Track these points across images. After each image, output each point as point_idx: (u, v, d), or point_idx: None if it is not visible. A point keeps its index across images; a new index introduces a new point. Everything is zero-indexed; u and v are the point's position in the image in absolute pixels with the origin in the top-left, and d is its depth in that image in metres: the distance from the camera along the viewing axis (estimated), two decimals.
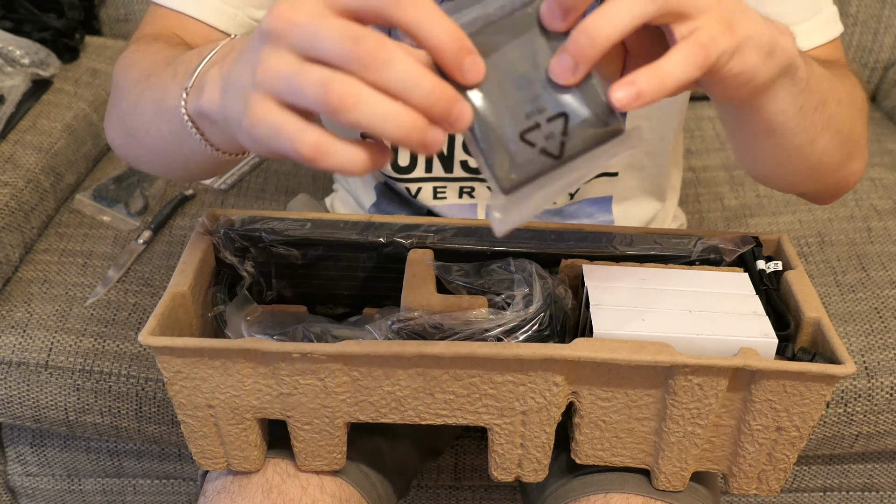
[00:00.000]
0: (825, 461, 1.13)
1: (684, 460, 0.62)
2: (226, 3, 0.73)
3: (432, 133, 0.39)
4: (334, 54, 0.38)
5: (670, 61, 0.43)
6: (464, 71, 0.40)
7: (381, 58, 0.38)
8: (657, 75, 0.43)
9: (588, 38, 0.42)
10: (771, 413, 0.59)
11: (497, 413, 0.59)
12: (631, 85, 0.42)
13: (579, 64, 0.42)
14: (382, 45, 0.38)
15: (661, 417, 0.60)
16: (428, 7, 0.38)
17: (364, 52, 0.37)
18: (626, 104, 0.42)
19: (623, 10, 0.42)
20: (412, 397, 0.58)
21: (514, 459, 0.63)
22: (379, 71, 0.38)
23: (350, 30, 0.38)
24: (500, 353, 0.55)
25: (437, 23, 0.39)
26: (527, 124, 0.43)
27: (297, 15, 0.39)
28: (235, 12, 0.74)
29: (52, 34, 1.36)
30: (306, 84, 0.38)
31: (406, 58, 0.38)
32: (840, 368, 0.56)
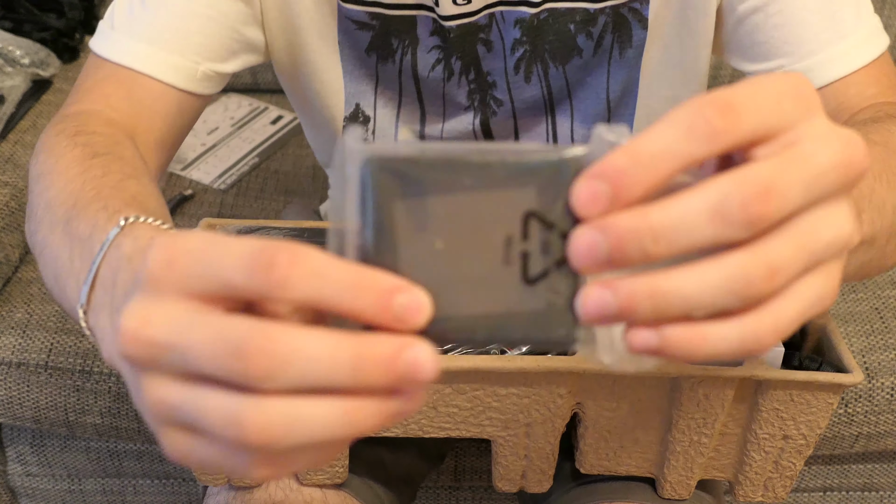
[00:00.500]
0: (825, 461, 1.13)
1: (690, 469, 0.62)
2: (183, 57, 0.66)
3: (393, 407, 0.28)
4: (221, 375, 0.28)
5: (719, 336, 0.28)
6: (400, 320, 0.28)
7: (275, 362, 0.27)
8: (696, 339, 0.29)
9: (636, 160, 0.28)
10: (777, 422, 0.58)
11: (501, 425, 0.59)
12: (652, 336, 0.29)
13: (618, 194, 0.28)
14: (270, 343, 0.27)
15: (667, 427, 0.59)
16: (318, 268, 0.28)
17: (253, 365, 0.27)
18: (640, 348, 0.29)
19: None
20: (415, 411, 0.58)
21: (519, 471, 0.62)
22: (279, 379, 0.27)
23: (226, 340, 0.27)
24: (504, 366, 0.54)
25: (339, 284, 0.28)
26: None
27: (153, 329, 0.29)
28: (195, 67, 0.67)
29: (52, 34, 1.36)
30: (210, 420, 0.28)
31: (309, 341, 0.27)
32: (847, 377, 0.55)
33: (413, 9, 0.69)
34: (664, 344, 0.28)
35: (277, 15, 0.70)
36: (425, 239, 0.30)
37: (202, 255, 0.28)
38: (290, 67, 0.75)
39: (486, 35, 0.69)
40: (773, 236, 0.28)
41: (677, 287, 0.28)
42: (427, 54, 0.72)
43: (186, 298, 0.29)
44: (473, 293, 0.30)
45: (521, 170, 0.30)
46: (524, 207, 0.30)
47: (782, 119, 0.28)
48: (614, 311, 0.28)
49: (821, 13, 0.63)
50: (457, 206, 0.30)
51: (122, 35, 0.66)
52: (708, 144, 0.27)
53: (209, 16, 0.66)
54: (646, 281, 0.28)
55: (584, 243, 0.28)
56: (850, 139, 0.29)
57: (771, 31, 0.65)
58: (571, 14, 0.68)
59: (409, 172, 0.29)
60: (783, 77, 0.29)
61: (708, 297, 0.28)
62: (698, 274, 0.28)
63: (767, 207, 0.27)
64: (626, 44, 0.70)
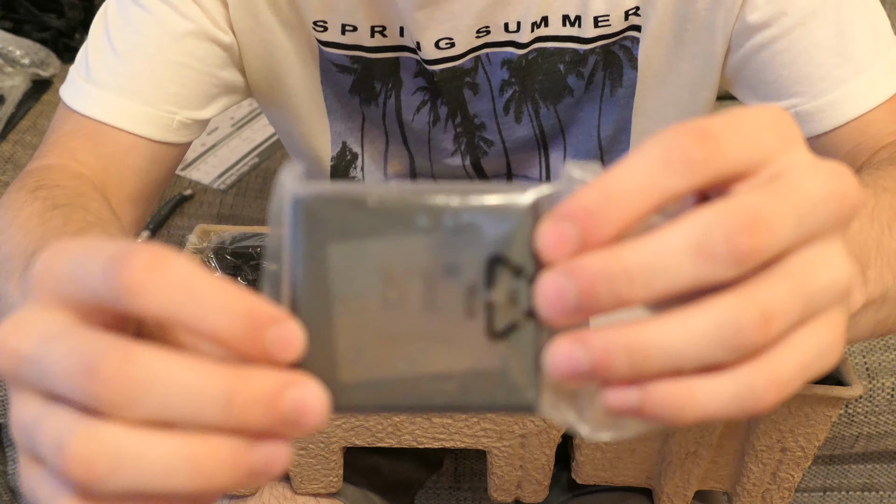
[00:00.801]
0: (825, 461, 1.13)
1: (687, 480, 0.61)
2: (157, 108, 0.63)
3: (254, 461, 0.24)
4: (75, 397, 0.24)
5: (710, 393, 0.25)
6: (268, 353, 0.24)
7: (132, 387, 0.24)
8: (683, 397, 0.25)
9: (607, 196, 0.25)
10: (776, 434, 0.58)
11: (496, 436, 0.58)
12: (631, 394, 0.25)
13: (587, 236, 0.25)
14: (129, 364, 0.24)
15: (664, 438, 0.59)
16: (181, 278, 0.24)
17: (104, 387, 0.24)
18: (619, 409, 0.25)
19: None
20: (408, 422, 0.57)
21: (514, 481, 0.62)
22: (134, 406, 0.24)
23: (79, 356, 0.24)
24: None
25: (205, 302, 0.24)
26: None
27: (21, 339, 0.26)
28: (171, 117, 0.64)
29: (52, 34, 1.36)
30: (42, 448, 0.25)
31: (177, 366, 0.24)
32: (846, 391, 0.55)
33: (395, 51, 0.66)
34: (646, 403, 0.25)
35: (255, 59, 0.67)
36: (370, 288, 0.26)
37: (73, 258, 0.25)
38: (274, 108, 0.73)
39: (472, 78, 0.67)
40: (763, 278, 0.25)
41: (658, 338, 0.24)
42: (411, 97, 0.69)
43: (62, 308, 0.26)
44: (429, 350, 0.26)
45: (483, 211, 0.26)
46: (488, 252, 0.26)
47: (763, 151, 0.26)
48: (586, 368, 0.24)
49: (832, 49, 0.59)
50: (409, 251, 0.26)
51: (91, 85, 0.63)
52: (686, 177, 0.24)
53: (184, 63, 0.63)
54: (622, 332, 0.24)
55: (551, 289, 0.24)
56: (838, 170, 0.26)
57: (779, 69, 0.61)
58: (560, 54, 0.65)
59: (350, 213, 0.26)
60: (760, 109, 0.26)
61: (694, 349, 0.24)
62: (682, 322, 0.24)
63: (755, 240, 0.24)
64: (617, 83, 0.67)
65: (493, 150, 0.72)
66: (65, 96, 0.64)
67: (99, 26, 0.64)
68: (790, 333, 0.25)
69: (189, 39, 0.62)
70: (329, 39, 0.66)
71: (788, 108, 0.61)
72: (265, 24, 0.65)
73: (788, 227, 0.25)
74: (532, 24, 0.63)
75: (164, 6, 0.62)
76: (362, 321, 0.26)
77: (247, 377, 0.24)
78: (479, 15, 0.63)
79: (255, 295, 0.25)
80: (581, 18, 0.63)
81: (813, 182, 0.25)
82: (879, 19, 0.61)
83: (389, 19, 0.64)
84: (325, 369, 0.26)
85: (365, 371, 0.26)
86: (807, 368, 0.26)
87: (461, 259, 0.26)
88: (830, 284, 0.26)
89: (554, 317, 0.25)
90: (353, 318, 0.26)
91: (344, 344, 0.26)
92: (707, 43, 0.63)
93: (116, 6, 0.63)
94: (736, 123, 0.25)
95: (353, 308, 0.26)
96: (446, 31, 0.63)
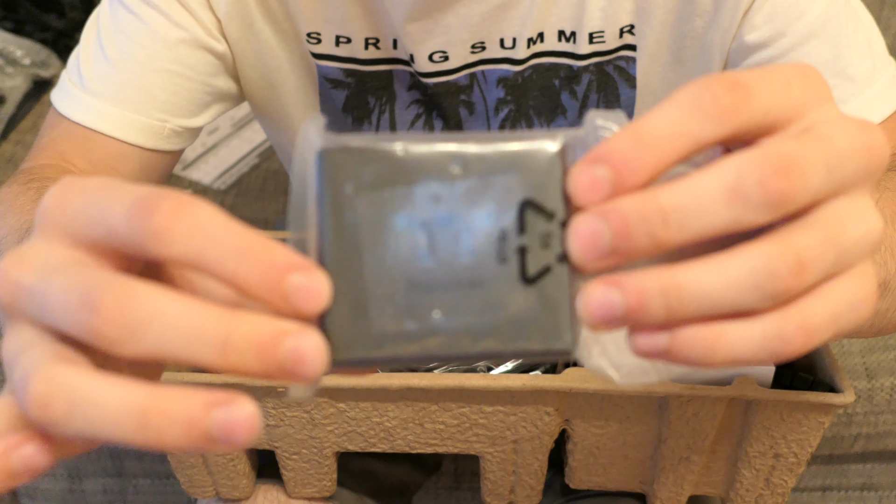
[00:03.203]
0: (825, 461, 1.13)
1: (680, 486, 0.61)
2: (147, 116, 0.62)
3: (217, 418, 0.24)
4: (74, 331, 0.24)
5: (740, 335, 0.25)
6: (289, 302, 0.24)
7: (130, 322, 0.23)
8: (712, 338, 0.25)
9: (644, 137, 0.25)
10: (768, 440, 0.58)
11: (488, 442, 0.58)
12: (661, 337, 0.25)
13: (620, 180, 0.25)
14: (130, 299, 0.24)
15: (657, 445, 0.59)
16: (205, 224, 0.24)
17: (104, 321, 0.24)
18: (648, 351, 0.26)
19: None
20: (401, 427, 0.57)
21: (507, 486, 0.62)
22: (131, 342, 0.24)
23: (81, 290, 0.24)
24: (489, 385, 0.54)
25: (226, 247, 0.24)
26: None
27: (24, 270, 0.25)
28: (162, 125, 0.63)
29: (53, 35, 1.36)
30: (13, 376, 0.25)
31: (176, 305, 0.24)
32: (838, 397, 0.55)
33: (389, 63, 0.66)
34: (676, 345, 0.25)
35: (249, 68, 0.67)
36: (400, 237, 0.26)
37: (93, 195, 0.25)
38: (268, 116, 0.73)
39: (468, 97, 0.67)
40: (797, 227, 0.25)
41: (694, 281, 0.24)
42: (406, 111, 0.69)
43: (72, 245, 0.26)
44: (462, 297, 0.26)
45: (513, 157, 0.26)
46: (519, 196, 0.26)
47: (793, 104, 0.26)
48: (621, 312, 0.24)
49: (830, 70, 0.59)
50: (439, 198, 0.26)
51: (82, 91, 0.62)
52: (717, 124, 0.25)
53: (176, 71, 0.63)
54: (658, 275, 0.24)
55: (585, 231, 0.24)
56: (867, 124, 0.26)
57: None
58: (555, 69, 0.65)
59: (377, 163, 0.25)
60: (791, 65, 0.27)
61: (729, 292, 0.24)
62: (717, 266, 0.24)
63: (788, 184, 0.24)
64: (615, 104, 0.66)
65: None
66: (56, 101, 0.64)
67: (91, 31, 0.64)
68: (822, 283, 0.26)
69: (181, 48, 0.62)
70: (323, 52, 0.65)
71: None
72: (260, 33, 0.65)
73: (820, 175, 0.25)
74: (528, 41, 0.63)
75: (156, 14, 0.61)
76: (393, 271, 0.26)
77: (246, 321, 0.24)
78: (473, 29, 0.62)
79: (281, 245, 0.24)
80: (576, 34, 0.63)
81: (843, 134, 0.26)
82: (875, 39, 0.61)
83: (383, 31, 0.64)
84: (356, 320, 0.26)
85: (397, 321, 0.26)
86: (838, 319, 0.26)
87: (492, 204, 0.26)
88: (863, 236, 0.26)
89: (587, 260, 0.25)
90: (384, 269, 0.26)
91: (375, 294, 0.26)
92: (704, 61, 0.63)
93: (109, 12, 0.63)
94: (767, 76, 0.26)
95: (383, 258, 0.26)
96: (440, 44, 0.63)
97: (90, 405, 0.23)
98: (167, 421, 0.23)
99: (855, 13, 0.60)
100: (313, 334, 0.24)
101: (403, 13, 0.61)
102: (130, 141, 0.62)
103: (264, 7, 0.64)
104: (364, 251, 0.26)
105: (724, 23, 0.60)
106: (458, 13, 0.61)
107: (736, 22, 0.59)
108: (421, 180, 0.26)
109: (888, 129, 0.59)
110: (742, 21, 0.59)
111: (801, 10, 0.58)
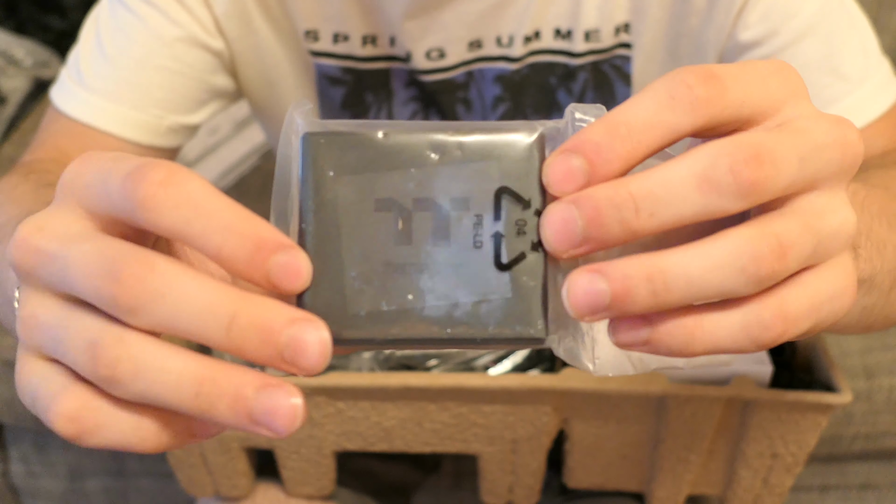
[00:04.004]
0: (824, 460, 1.13)
1: (678, 486, 0.61)
2: (144, 112, 0.62)
3: (262, 400, 0.25)
4: (93, 297, 0.25)
5: (719, 323, 0.25)
6: (271, 280, 0.24)
7: (149, 292, 0.24)
8: (691, 326, 0.25)
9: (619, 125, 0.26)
10: (766, 440, 0.58)
11: (487, 441, 0.59)
12: (641, 327, 0.25)
13: (594, 170, 0.25)
14: (149, 272, 0.24)
15: (655, 445, 0.59)
16: (193, 196, 0.24)
17: (124, 291, 0.24)
18: (628, 342, 0.26)
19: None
20: (400, 427, 0.58)
21: (506, 485, 0.62)
22: (146, 313, 0.25)
23: (104, 259, 0.25)
24: (487, 384, 0.54)
25: (211, 221, 0.24)
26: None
27: (45, 238, 0.26)
28: (158, 122, 0.63)
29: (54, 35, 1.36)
30: (70, 345, 0.26)
31: (191, 280, 0.25)
32: (836, 397, 0.55)
33: (386, 60, 0.66)
34: (656, 334, 0.25)
35: (247, 66, 0.67)
36: (379, 220, 0.26)
37: (102, 167, 0.26)
38: (267, 114, 0.73)
39: (465, 94, 0.67)
40: (775, 214, 0.25)
41: (679, 265, 0.24)
42: (403, 107, 0.69)
43: (85, 216, 0.27)
44: (437, 281, 0.26)
45: (491, 145, 0.27)
46: (495, 184, 0.27)
47: (769, 98, 0.26)
48: (607, 300, 0.24)
49: (824, 68, 0.59)
50: (418, 184, 0.26)
51: (80, 87, 0.63)
52: (691, 114, 0.25)
53: (173, 68, 0.63)
54: (642, 261, 0.24)
55: (557, 218, 0.25)
56: (842, 120, 0.27)
57: None
58: (552, 67, 0.65)
59: (359, 147, 0.26)
60: (768, 61, 0.27)
61: (715, 277, 0.24)
62: (701, 250, 0.24)
63: (759, 172, 0.24)
64: (610, 101, 0.67)
65: None
66: (54, 97, 0.64)
67: (90, 29, 0.64)
68: (801, 273, 0.26)
69: (178, 45, 0.63)
70: (321, 49, 0.66)
71: None
72: (258, 31, 0.65)
73: (792, 166, 0.25)
74: (525, 38, 0.63)
75: (153, 11, 0.62)
76: (371, 252, 0.26)
77: (255, 303, 0.24)
78: (470, 27, 0.63)
79: (266, 222, 0.25)
80: (572, 32, 0.63)
81: (817, 128, 0.26)
82: (868, 38, 0.61)
83: (381, 29, 0.64)
84: (333, 300, 0.26)
85: (373, 302, 0.26)
86: (817, 308, 0.26)
87: (469, 191, 0.26)
88: (839, 228, 0.26)
89: (560, 247, 0.25)
90: (362, 250, 0.26)
91: (352, 275, 0.26)
92: (699, 59, 0.63)
93: (108, 10, 0.63)
94: (743, 70, 0.26)
95: (361, 240, 0.26)
96: (437, 41, 0.63)
97: (155, 370, 0.25)
98: (218, 393, 0.24)
99: (848, 12, 0.61)
100: (319, 326, 0.24)
101: (401, 10, 0.61)
102: (127, 137, 0.63)
103: (262, 5, 0.64)
104: (343, 233, 0.26)
105: (718, 21, 0.60)
106: (456, 11, 0.61)
107: (730, 20, 0.60)
108: (400, 166, 0.26)
109: (882, 127, 0.59)
110: (736, 19, 0.59)
111: (795, 8, 0.58)
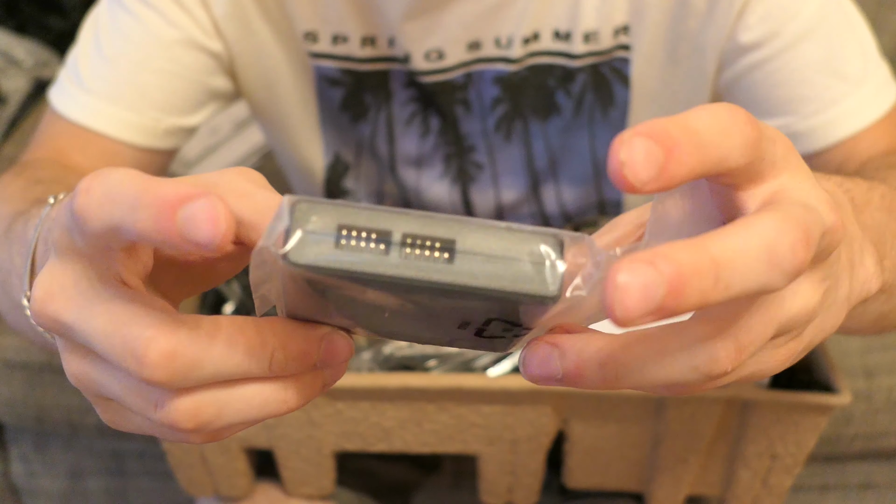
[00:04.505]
0: (824, 460, 1.13)
1: (678, 486, 0.61)
2: (141, 114, 0.62)
3: (320, 380, 0.28)
4: (126, 371, 0.25)
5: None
6: (185, 235, 0.23)
7: (180, 369, 0.25)
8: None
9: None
10: (765, 441, 0.58)
11: (486, 442, 0.59)
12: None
13: (670, 159, 0.22)
14: (173, 346, 0.25)
15: (654, 445, 0.59)
16: (109, 189, 0.24)
17: (155, 374, 0.25)
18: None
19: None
20: (399, 427, 0.58)
21: (505, 485, 0.62)
22: (188, 381, 0.26)
23: (121, 337, 0.25)
24: (487, 385, 0.54)
25: (125, 204, 0.23)
26: None
27: (56, 306, 0.26)
28: (156, 124, 0.63)
29: (54, 36, 1.36)
30: (131, 405, 0.27)
31: (218, 346, 0.25)
32: (835, 398, 0.55)
33: (385, 62, 0.66)
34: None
35: (247, 67, 0.67)
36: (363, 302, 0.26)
37: (61, 209, 0.26)
38: (266, 116, 0.73)
39: (464, 95, 0.67)
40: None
41: (732, 251, 0.22)
42: (403, 108, 0.69)
43: (75, 258, 0.26)
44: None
45: (488, 294, 0.24)
46: (487, 316, 0.25)
47: (773, 160, 0.25)
48: (661, 296, 0.21)
49: (823, 70, 0.60)
50: (403, 299, 0.25)
51: (78, 89, 0.63)
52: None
53: (171, 71, 0.63)
54: (697, 247, 0.22)
55: (638, 283, 0.20)
56: (836, 202, 0.27)
57: (771, 89, 0.61)
58: (550, 69, 0.65)
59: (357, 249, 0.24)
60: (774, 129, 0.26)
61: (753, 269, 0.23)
62: (736, 238, 0.22)
63: (807, 255, 0.22)
64: (609, 105, 0.67)
65: (483, 177, 0.71)
66: (52, 99, 0.65)
67: (89, 30, 0.64)
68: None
69: (177, 47, 0.63)
70: (320, 51, 0.66)
71: (780, 127, 0.61)
72: (257, 33, 0.65)
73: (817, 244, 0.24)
74: (524, 40, 0.63)
75: (152, 13, 0.62)
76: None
77: (284, 341, 0.27)
78: (469, 28, 0.63)
79: (173, 181, 0.23)
80: (571, 34, 0.63)
81: (818, 203, 0.26)
82: (866, 40, 0.62)
83: (380, 30, 0.64)
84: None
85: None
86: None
87: (458, 310, 0.25)
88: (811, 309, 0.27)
89: (634, 315, 0.21)
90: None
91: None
92: (699, 61, 0.63)
93: (107, 11, 0.63)
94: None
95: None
96: (436, 42, 0.63)
97: (236, 399, 0.27)
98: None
99: (847, 14, 0.61)
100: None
101: (400, 12, 0.61)
102: (124, 139, 0.63)
103: (261, 7, 0.64)
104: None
105: (717, 23, 0.60)
106: (455, 12, 0.61)
107: (730, 22, 0.60)
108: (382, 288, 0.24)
109: (883, 127, 0.60)
110: (736, 21, 0.59)
111: (795, 10, 0.58)
